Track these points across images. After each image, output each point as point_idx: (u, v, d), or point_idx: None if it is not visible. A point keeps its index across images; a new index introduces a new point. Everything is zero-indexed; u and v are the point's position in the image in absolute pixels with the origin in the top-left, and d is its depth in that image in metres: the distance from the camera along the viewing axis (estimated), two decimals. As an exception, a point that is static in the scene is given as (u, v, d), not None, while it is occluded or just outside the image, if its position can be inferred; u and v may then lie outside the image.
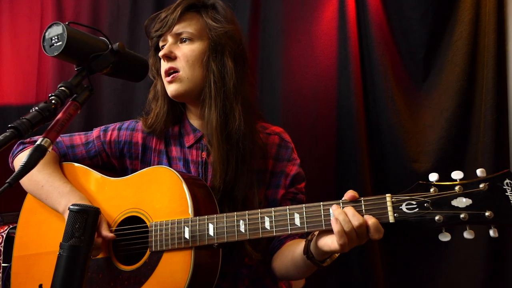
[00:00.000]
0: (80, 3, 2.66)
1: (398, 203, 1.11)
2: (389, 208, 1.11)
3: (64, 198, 1.43)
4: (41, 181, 1.48)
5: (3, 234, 2.20)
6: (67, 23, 1.08)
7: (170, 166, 1.52)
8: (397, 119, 2.09)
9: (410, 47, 2.14)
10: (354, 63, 2.15)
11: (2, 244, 2.18)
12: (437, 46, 2.11)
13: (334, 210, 1.13)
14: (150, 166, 1.55)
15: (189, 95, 1.47)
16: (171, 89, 1.46)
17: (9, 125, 0.90)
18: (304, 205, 1.19)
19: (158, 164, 1.56)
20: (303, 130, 2.20)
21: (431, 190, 1.08)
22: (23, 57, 2.76)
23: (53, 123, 1.00)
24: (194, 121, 1.55)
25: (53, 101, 1.00)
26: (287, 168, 1.52)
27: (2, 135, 0.88)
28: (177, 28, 1.45)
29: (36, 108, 0.96)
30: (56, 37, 1.06)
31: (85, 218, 1.10)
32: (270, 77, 2.28)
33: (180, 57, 1.44)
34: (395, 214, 1.10)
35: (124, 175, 1.59)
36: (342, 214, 1.10)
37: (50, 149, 0.97)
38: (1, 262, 2.18)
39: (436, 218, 1.05)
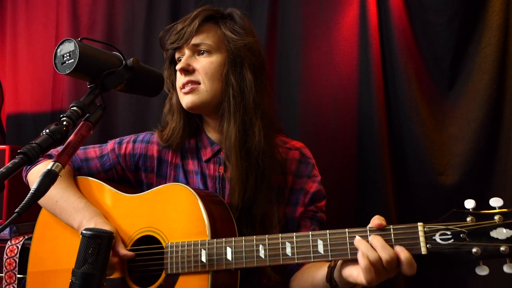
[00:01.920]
0: (95, 9, 2.63)
1: (431, 233, 1.03)
2: (421, 239, 1.03)
3: (79, 214, 1.40)
4: (55, 196, 1.45)
5: (18, 245, 2.18)
6: (79, 39, 1.04)
7: (187, 180, 1.49)
8: (421, 129, 2.00)
9: (435, 53, 2.04)
10: (376, 71, 2.07)
11: (18, 255, 2.16)
12: (464, 53, 2.01)
13: (360, 244, 1.04)
14: (166, 179, 1.53)
15: (206, 108, 1.43)
16: (187, 100, 1.41)
17: (18, 151, 0.86)
18: (328, 231, 1.12)
19: (174, 177, 1.52)
20: (323, 140, 2.13)
21: (468, 219, 1.00)
22: (38, 65, 2.75)
23: (64, 146, 0.96)
24: (211, 134, 1.51)
25: (64, 123, 0.96)
26: (307, 185, 1.46)
27: (11, 162, 0.84)
28: (195, 40, 1.41)
29: (47, 131, 0.92)
30: (68, 54, 1.01)
31: (98, 243, 1.05)
32: (288, 85, 2.22)
33: (199, 69, 1.40)
34: (427, 245, 1.02)
35: (140, 188, 1.57)
36: (370, 250, 1.02)
37: (61, 174, 0.92)
38: (16, 273, 2.16)
39: (474, 250, 0.97)
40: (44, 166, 1.49)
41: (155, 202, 1.38)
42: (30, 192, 0.87)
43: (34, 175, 1.51)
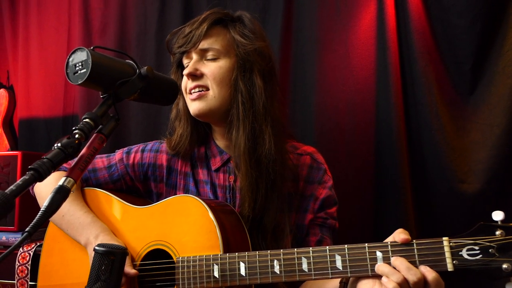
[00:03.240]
0: (107, 13, 2.61)
1: (458, 248, 0.97)
2: (447, 255, 0.97)
3: (86, 230, 1.37)
4: (61, 210, 1.39)
5: (30, 252, 2.16)
6: (92, 47, 1.00)
7: (197, 190, 1.46)
8: (442, 135, 1.93)
9: (456, 57, 1.97)
10: (394, 75, 2.00)
11: (29, 262, 2.14)
12: (486, 56, 1.93)
13: (383, 268, 0.99)
14: (175, 189, 1.49)
15: (214, 115, 1.38)
16: (194, 107, 1.37)
17: (29, 167, 0.82)
18: (346, 245, 1.07)
19: (184, 187, 1.48)
20: (339, 146, 2.08)
21: (497, 233, 0.94)
22: (50, 69, 2.74)
23: (77, 160, 0.92)
24: (220, 142, 1.47)
25: (76, 136, 0.91)
26: (317, 191, 1.40)
27: (21, 179, 0.80)
28: (203, 44, 1.36)
29: (58, 145, 0.88)
30: (80, 63, 0.98)
31: (111, 260, 1.01)
32: (304, 90, 2.17)
33: (207, 74, 1.36)
34: (454, 262, 0.96)
35: (149, 198, 1.54)
36: (395, 273, 0.97)
37: (73, 190, 0.88)
38: (29, 280, 2.14)
39: (504, 266, 0.92)
40: (51, 178, 1.46)
41: (165, 214, 1.35)
42: (41, 209, 0.83)
43: (41, 187, 1.48)
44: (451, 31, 1.98)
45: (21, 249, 2.14)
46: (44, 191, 1.48)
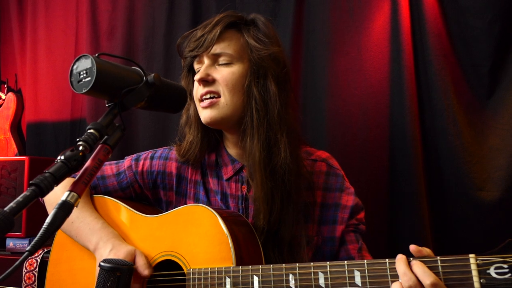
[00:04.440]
0: (115, 16, 2.58)
1: (485, 266, 0.91)
2: (474, 273, 0.92)
3: (95, 235, 1.34)
4: (71, 216, 1.34)
5: (37, 258, 2.14)
6: (96, 54, 0.96)
7: (208, 199, 1.42)
8: (459, 141, 1.87)
9: (473, 59, 1.92)
10: (408, 78, 1.95)
11: (37, 269, 2.12)
12: (505, 58, 1.87)
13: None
14: (185, 197, 1.45)
15: (226, 123, 1.34)
16: (206, 115, 1.32)
17: (30, 182, 0.78)
18: (366, 261, 1.02)
19: (194, 195, 1.44)
20: (352, 152, 2.02)
21: (529, 250, 0.89)
22: (58, 73, 2.72)
23: (81, 173, 0.88)
24: (232, 150, 1.42)
25: (80, 148, 0.87)
26: (342, 199, 1.35)
27: (22, 195, 0.76)
28: (215, 49, 1.31)
29: (62, 158, 0.84)
30: (84, 71, 0.94)
31: (118, 276, 0.97)
32: (315, 94, 2.12)
33: (219, 80, 1.30)
34: (481, 280, 0.91)
35: (159, 207, 1.50)
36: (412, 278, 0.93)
37: (77, 205, 0.84)
38: (36, 287, 2.12)
39: (535, 287, 0.86)
40: (62, 185, 1.43)
41: (176, 224, 1.31)
42: (43, 227, 0.79)
43: (51, 195, 1.45)
44: (468, 32, 1.93)
45: (28, 255, 2.12)
46: (53, 198, 1.45)
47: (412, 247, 0.99)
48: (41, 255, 2.14)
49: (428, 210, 1.89)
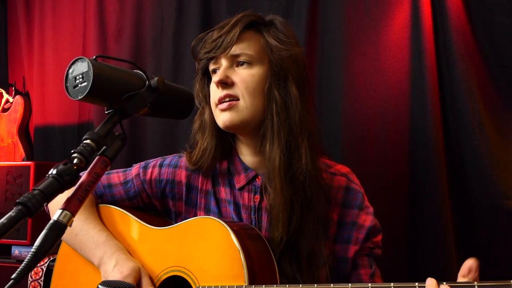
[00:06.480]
0: (123, 17, 2.53)
1: (529, 293, 0.82)
2: (517, 301, 0.82)
3: (100, 249, 1.28)
4: (74, 229, 1.33)
5: (43, 267, 2.08)
6: (94, 57, 0.88)
7: (219, 210, 1.35)
8: (486, 147, 1.76)
9: (500, 59, 1.80)
10: (430, 80, 1.84)
11: (42, 278, 2.06)
12: (535, 58, 1.76)
13: None
14: (196, 208, 1.39)
15: (245, 127, 1.27)
16: (225, 118, 1.25)
17: (17, 201, 0.70)
18: (392, 284, 0.94)
19: (205, 206, 1.37)
20: (370, 157, 1.93)
21: None
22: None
23: (75, 189, 0.80)
24: (245, 158, 1.35)
25: (75, 161, 0.79)
26: (360, 218, 1.29)
27: (7, 216, 0.68)
28: (234, 50, 1.25)
29: (53, 172, 0.76)
30: (80, 76, 0.86)
31: (117, 300, 0.89)
32: (330, 96, 2.03)
33: (238, 83, 1.24)
34: (525, 310, 0.81)
35: (168, 217, 1.44)
36: None
37: (70, 225, 0.76)
38: (41, 297, 2.07)
39: None
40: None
41: (185, 237, 1.25)
42: (32, 250, 0.70)
43: (55, 203, 1.38)
44: (494, 30, 1.82)
45: (33, 264, 2.06)
46: (57, 207, 1.38)
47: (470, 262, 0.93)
48: (47, 263, 2.09)
49: (452, 220, 1.78)
